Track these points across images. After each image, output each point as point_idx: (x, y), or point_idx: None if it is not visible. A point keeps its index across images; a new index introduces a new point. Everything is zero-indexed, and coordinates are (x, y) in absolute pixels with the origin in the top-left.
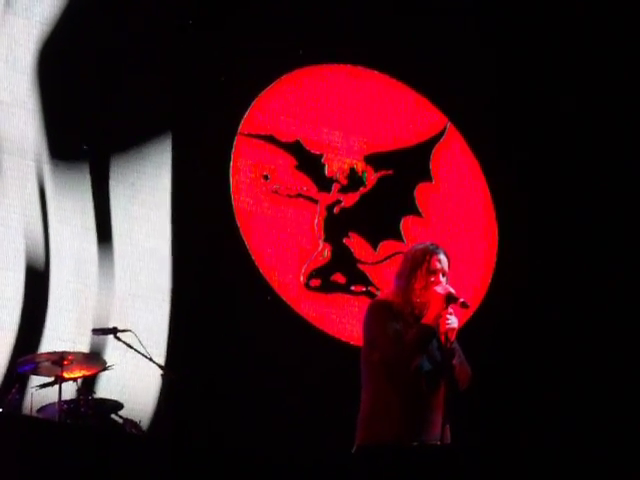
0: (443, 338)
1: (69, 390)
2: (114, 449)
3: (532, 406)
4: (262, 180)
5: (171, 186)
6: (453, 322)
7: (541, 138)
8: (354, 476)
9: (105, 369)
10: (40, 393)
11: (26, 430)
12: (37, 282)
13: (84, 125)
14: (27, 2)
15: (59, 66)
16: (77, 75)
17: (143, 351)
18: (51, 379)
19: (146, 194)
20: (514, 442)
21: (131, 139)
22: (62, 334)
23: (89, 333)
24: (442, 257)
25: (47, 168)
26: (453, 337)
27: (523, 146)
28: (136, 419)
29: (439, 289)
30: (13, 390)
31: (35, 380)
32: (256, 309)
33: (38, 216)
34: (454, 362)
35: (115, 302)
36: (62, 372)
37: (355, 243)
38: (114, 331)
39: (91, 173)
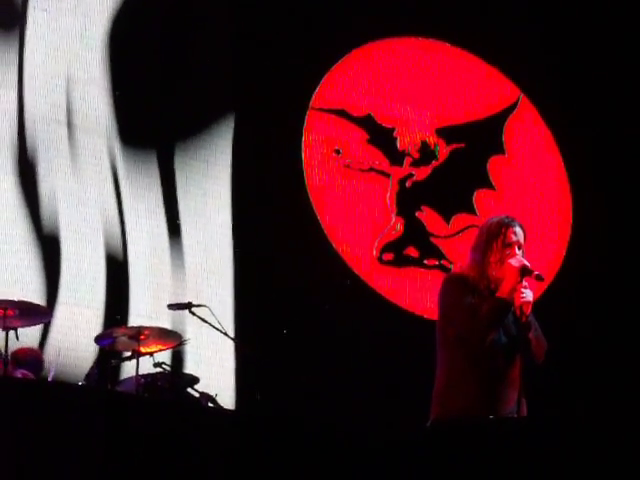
0: (518, 312)
1: (146, 364)
2: (191, 423)
3: (608, 379)
4: (334, 154)
5: (238, 162)
6: (528, 295)
7: (616, 109)
8: (430, 450)
9: (181, 344)
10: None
11: (104, 403)
12: (116, 260)
13: (152, 105)
14: None
15: (126, 47)
16: (144, 54)
17: (218, 326)
18: (128, 353)
19: (217, 170)
20: (591, 415)
21: (198, 118)
22: (140, 310)
23: (165, 309)
24: (518, 230)
25: (118, 146)
26: (528, 310)
27: (597, 117)
28: (212, 393)
29: (513, 262)
30: (92, 364)
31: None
32: (329, 284)
33: (112, 194)
34: (530, 336)
35: (189, 278)
36: (139, 346)
37: (428, 217)
38: (189, 306)
39: (159, 151)
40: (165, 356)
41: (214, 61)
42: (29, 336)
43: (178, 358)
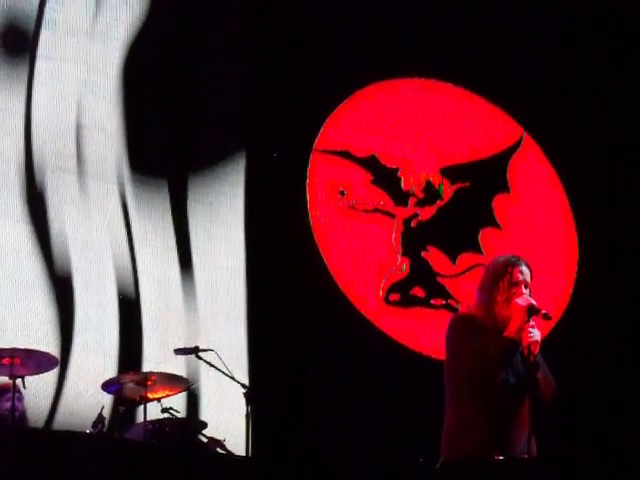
0: (526, 351)
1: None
2: (200, 468)
3: (617, 418)
4: (339, 196)
5: (247, 204)
6: (536, 335)
7: (620, 146)
8: None
9: (188, 389)
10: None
11: (113, 450)
12: (128, 304)
13: (161, 146)
14: (104, 28)
15: (137, 87)
16: (154, 95)
17: (225, 370)
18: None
19: (224, 213)
20: (600, 454)
21: (207, 159)
22: (147, 355)
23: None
24: (524, 269)
25: (129, 189)
26: (536, 350)
27: (602, 154)
28: (220, 438)
29: (520, 301)
30: (100, 411)
31: None
32: (336, 325)
33: (124, 238)
34: (538, 376)
35: (197, 321)
36: (146, 392)
37: (434, 256)
38: (196, 350)
39: (170, 193)
40: (175, 401)
41: (224, 99)
42: (43, 383)
43: (189, 403)
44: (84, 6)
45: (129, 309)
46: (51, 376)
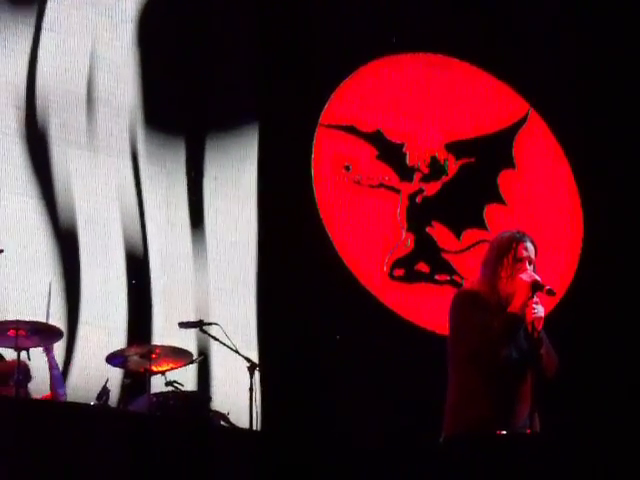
0: (530, 327)
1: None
2: (204, 441)
3: (619, 395)
4: (344, 171)
5: (256, 179)
6: (539, 311)
7: (625, 121)
8: (443, 465)
9: (192, 362)
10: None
11: (117, 422)
12: (138, 277)
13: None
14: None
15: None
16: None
17: (229, 343)
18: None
19: (229, 187)
20: (603, 430)
21: (218, 127)
22: (154, 329)
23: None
24: (529, 245)
25: (142, 160)
26: (540, 326)
27: (607, 130)
28: (224, 411)
29: (524, 277)
30: (105, 384)
31: None
32: (341, 299)
33: (135, 210)
34: (541, 351)
35: (202, 296)
36: (150, 365)
37: (438, 232)
38: (200, 324)
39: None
40: (185, 375)
41: (234, 73)
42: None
43: (199, 376)
44: None
45: (137, 284)
46: (57, 349)
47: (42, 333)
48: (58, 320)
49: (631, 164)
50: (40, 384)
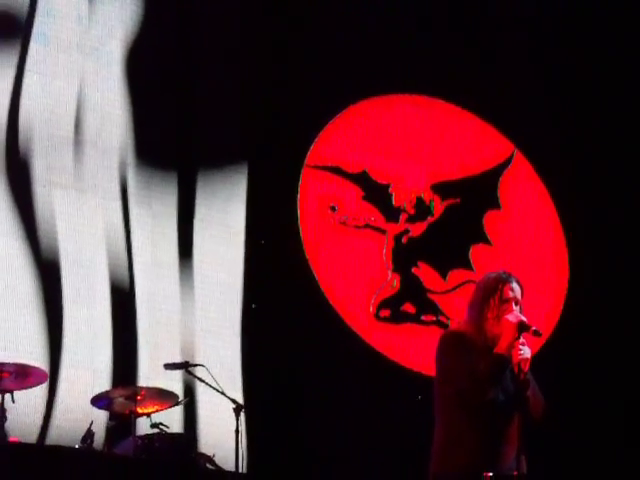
0: (516, 369)
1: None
2: None
3: (606, 435)
4: (330, 211)
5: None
6: (526, 352)
7: (610, 163)
8: None
9: (178, 404)
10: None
11: (101, 466)
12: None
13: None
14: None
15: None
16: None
17: (215, 385)
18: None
19: (214, 229)
20: (589, 472)
21: (207, 166)
22: (139, 370)
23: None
24: (515, 285)
25: (132, 200)
26: (526, 367)
27: (591, 170)
28: (210, 453)
29: (511, 317)
30: (89, 426)
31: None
32: (326, 340)
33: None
34: (528, 393)
35: (188, 337)
36: (136, 407)
37: (424, 272)
38: (186, 365)
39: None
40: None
41: (220, 115)
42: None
43: (177, 418)
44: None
45: (123, 323)
46: (40, 391)
47: (27, 375)
48: (42, 362)
49: (615, 204)
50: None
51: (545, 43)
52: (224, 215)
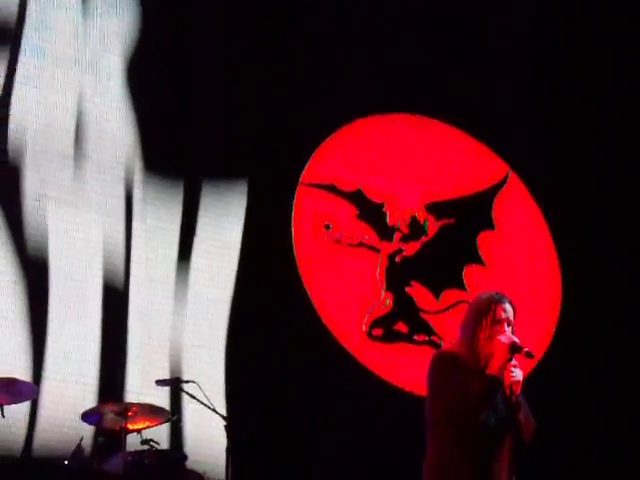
0: (508, 391)
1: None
2: None
3: (599, 458)
4: (324, 230)
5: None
6: (518, 375)
7: (604, 185)
8: None
9: (169, 420)
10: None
11: None
12: (115, 332)
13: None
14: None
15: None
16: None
17: (206, 402)
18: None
19: (208, 245)
20: None
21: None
22: (128, 386)
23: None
24: (507, 306)
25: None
26: (518, 390)
27: (586, 193)
28: (200, 470)
29: (503, 338)
30: (79, 442)
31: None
32: (318, 359)
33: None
34: (519, 416)
35: (179, 353)
36: (126, 423)
37: (417, 292)
38: (177, 382)
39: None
40: (159, 433)
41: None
42: (17, 412)
43: (172, 435)
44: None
45: (114, 338)
46: (26, 406)
47: (16, 389)
48: (30, 376)
49: (609, 226)
50: None
51: (543, 67)
52: (219, 230)
